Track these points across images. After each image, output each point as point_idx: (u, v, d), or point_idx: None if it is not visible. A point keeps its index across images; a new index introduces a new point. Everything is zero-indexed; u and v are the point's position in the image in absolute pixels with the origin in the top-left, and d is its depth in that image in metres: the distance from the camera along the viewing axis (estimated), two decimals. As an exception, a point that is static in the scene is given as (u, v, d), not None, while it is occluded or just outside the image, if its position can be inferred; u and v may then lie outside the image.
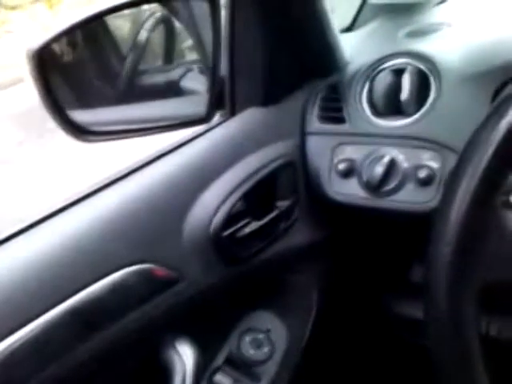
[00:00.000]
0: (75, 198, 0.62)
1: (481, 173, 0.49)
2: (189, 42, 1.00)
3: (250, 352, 0.76)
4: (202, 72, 0.90)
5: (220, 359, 0.74)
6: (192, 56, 0.99)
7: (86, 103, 0.81)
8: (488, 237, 0.50)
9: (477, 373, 0.52)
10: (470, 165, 0.50)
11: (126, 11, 0.81)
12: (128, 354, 0.63)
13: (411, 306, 0.88)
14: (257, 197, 0.70)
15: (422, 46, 0.77)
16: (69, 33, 0.74)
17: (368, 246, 0.88)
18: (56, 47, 0.75)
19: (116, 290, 0.58)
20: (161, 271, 0.61)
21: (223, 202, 0.66)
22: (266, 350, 0.77)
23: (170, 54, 0.97)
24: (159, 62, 0.97)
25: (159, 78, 0.92)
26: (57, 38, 0.72)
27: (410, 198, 0.70)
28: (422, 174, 0.69)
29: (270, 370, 0.76)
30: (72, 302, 0.55)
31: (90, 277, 0.57)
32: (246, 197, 0.69)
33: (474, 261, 0.50)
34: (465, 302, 0.51)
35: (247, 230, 0.68)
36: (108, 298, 0.57)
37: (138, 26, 0.91)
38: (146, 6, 0.88)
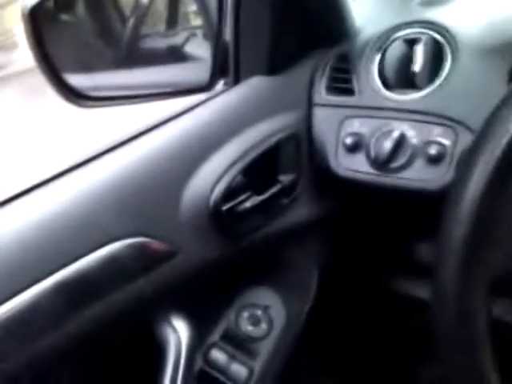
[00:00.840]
0: (67, 165, 0.59)
1: (500, 152, 0.46)
2: (193, 6, 0.96)
3: (247, 328, 0.74)
4: (205, 37, 0.87)
5: (216, 335, 0.73)
6: (196, 20, 0.95)
7: (84, 66, 0.78)
8: (504, 221, 0.48)
9: (483, 361, 0.50)
10: (488, 143, 0.47)
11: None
12: (121, 329, 0.61)
13: (413, 286, 0.86)
14: (258, 170, 0.68)
15: (438, 15, 0.73)
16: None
17: (372, 224, 0.85)
18: (53, 6, 0.71)
19: (109, 263, 0.55)
20: (157, 244, 0.59)
21: (223, 174, 0.64)
22: (263, 326, 0.75)
23: (173, 17, 0.94)
24: (162, 26, 0.93)
25: (161, 43, 0.89)
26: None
27: (418, 175, 0.67)
28: (433, 150, 0.66)
29: (266, 347, 0.74)
30: (63, 275, 0.53)
31: (83, 249, 0.54)
32: (248, 170, 0.66)
33: (487, 245, 0.48)
34: (475, 289, 0.48)
35: (248, 204, 0.66)
36: (101, 271, 0.55)
37: (141, -14, 0.87)
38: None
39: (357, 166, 0.71)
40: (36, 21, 0.64)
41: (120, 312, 0.57)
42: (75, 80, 0.71)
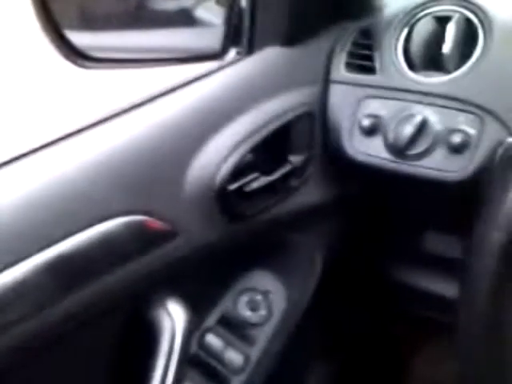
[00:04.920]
0: (63, 133, 0.54)
1: None
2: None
3: (245, 313, 0.72)
4: (219, 1, 0.82)
5: (213, 319, 0.70)
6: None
7: (88, 25, 0.73)
8: None
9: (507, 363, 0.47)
10: None
11: None
12: (114, 310, 0.58)
13: (419, 277, 0.83)
14: (269, 148, 0.64)
15: None
16: None
17: (381, 210, 0.82)
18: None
19: (105, 240, 0.52)
20: (156, 224, 0.55)
21: (232, 152, 0.60)
22: (262, 312, 0.72)
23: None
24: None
25: (171, 4, 0.84)
26: None
27: (438, 164, 0.63)
28: (456, 139, 0.62)
29: (265, 333, 0.71)
30: (54, 252, 0.49)
31: (76, 225, 0.51)
32: (257, 148, 0.62)
33: None
34: (507, 299, 0.45)
35: (255, 184, 0.62)
36: (95, 249, 0.52)
37: None
38: None
39: (372, 151, 0.67)
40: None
41: (113, 293, 0.54)
42: (78, 39, 0.66)
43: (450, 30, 0.65)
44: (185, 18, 0.82)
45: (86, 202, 0.52)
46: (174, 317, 0.59)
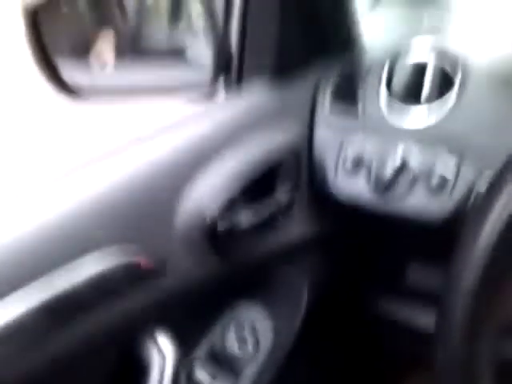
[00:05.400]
0: (57, 171, 0.55)
1: None
2: (197, 7, 0.94)
3: (234, 346, 0.72)
4: (208, 41, 0.85)
5: (201, 353, 0.70)
6: (199, 22, 0.93)
7: (82, 62, 0.75)
8: None
9: None
10: (503, 193, 0.46)
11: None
12: (105, 346, 0.58)
13: (405, 312, 0.84)
14: (256, 186, 0.65)
15: (449, 39, 0.72)
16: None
17: (365, 245, 0.83)
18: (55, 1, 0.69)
19: (95, 278, 0.52)
20: (146, 261, 0.56)
21: (221, 191, 0.61)
22: (250, 344, 0.72)
23: (176, 17, 0.91)
24: (164, 26, 0.91)
25: (162, 44, 0.86)
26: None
27: (419, 204, 0.65)
28: (435, 179, 0.65)
29: (253, 366, 0.71)
30: (43, 287, 0.50)
31: (66, 260, 0.51)
32: (246, 186, 0.64)
33: (496, 295, 0.46)
34: (483, 330, 0.47)
35: (244, 222, 0.63)
36: (86, 286, 0.52)
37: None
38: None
39: (356, 190, 0.69)
40: (37, 15, 0.62)
41: (104, 329, 0.54)
42: (72, 75, 0.68)
43: (428, 77, 0.68)
44: (175, 57, 0.84)
45: (71, 242, 0.52)
46: (163, 351, 0.59)
